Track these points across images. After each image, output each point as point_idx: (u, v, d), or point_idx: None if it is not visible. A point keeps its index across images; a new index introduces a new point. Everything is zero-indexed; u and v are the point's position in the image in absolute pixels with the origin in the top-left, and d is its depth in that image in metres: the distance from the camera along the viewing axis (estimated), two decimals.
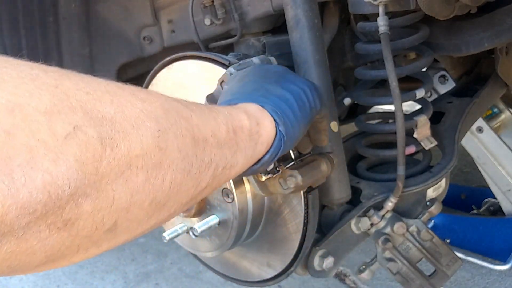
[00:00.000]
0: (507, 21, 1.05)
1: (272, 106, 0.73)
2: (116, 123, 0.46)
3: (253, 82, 0.80)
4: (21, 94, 0.40)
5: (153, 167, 0.49)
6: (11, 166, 0.38)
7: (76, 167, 0.41)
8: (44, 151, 0.40)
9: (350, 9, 1.03)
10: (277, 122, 0.71)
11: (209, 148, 0.59)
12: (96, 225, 0.45)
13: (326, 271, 1.04)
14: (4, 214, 0.37)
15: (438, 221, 1.83)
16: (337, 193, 1.04)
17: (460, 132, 1.21)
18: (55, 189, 0.40)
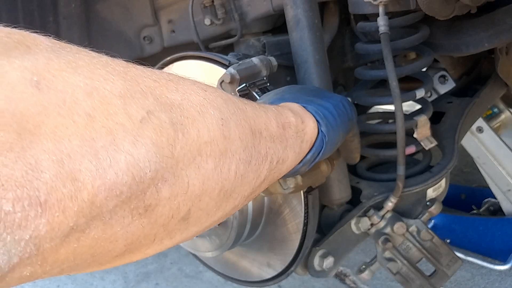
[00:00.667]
0: (507, 21, 1.05)
1: (314, 108, 0.74)
2: (184, 109, 0.46)
3: (292, 94, 0.80)
4: (96, 78, 0.40)
5: (220, 155, 0.50)
6: (96, 147, 0.38)
7: (154, 150, 0.42)
8: (123, 134, 0.40)
9: (350, 9, 1.03)
10: (319, 123, 0.72)
11: (264, 141, 0.59)
12: (172, 213, 0.45)
13: (326, 271, 1.04)
14: (94, 195, 0.37)
15: (438, 221, 1.83)
16: (337, 193, 1.04)
17: (460, 132, 1.21)
18: (138, 171, 0.40)
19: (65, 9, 1.52)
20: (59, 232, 0.36)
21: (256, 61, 0.91)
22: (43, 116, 0.36)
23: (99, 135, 0.38)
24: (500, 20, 1.06)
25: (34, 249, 0.35)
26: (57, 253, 0.37)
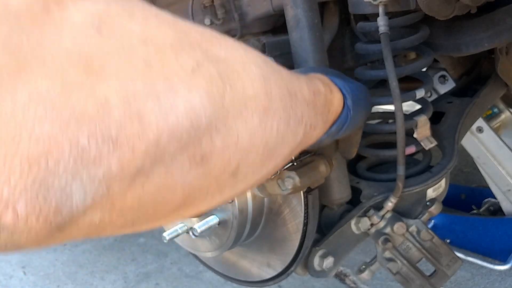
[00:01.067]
0: (507, 21, 1.05)
1: (341, 82, 0.74)
2: (229, 64, 0.47)
3: (318, 70, 0.81)
4: (150, 27, 0.41)
5: (264, 112, 0.50)
6: (157, 90, 0.38)
7: (208, 99, 0.42)
8: (179, 81, 0.40)
9: (350, 9, 1.03)
10: (345, 96, 0.73)
11: (299, 104, 0.60)
12: (224, 165, 0.46)
13: (326, 271, 1.04)
14: (159, 137, 0.38)
15: (438, 221, 1.83)
16: (337, 193, 1.04)
17: (460, 132, 1.21)
18: (195, 117, 0.41)
19: None
20: (127, 172, 0.36)
21: None
22: (105, 58, 0.36)
23: (158, 80, 0.39)
24: (500, 20, 1.06)
25: (105, 190, 0.35)
26: (124, 198, 0.38)
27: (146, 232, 2.28)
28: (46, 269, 2.10)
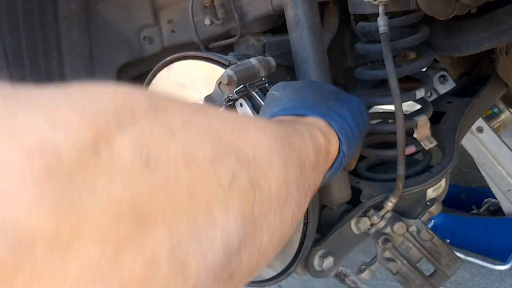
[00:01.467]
0: (507, 21, 1.05)
1: (337, 124, 0.72)
2: (257, 163, 0.45)
3: (312, 95, 0.78)
4: (191, 143, 0.39)
5: (283, 204, 0.49)
6: (199, 227, 0.37)
7: (241, 219, 0.41)
8: (217, 204, 0.39)
9: (350, 9, 1.03)
10: (341, 141, 0.72)
11: (308, 174, 0.58)
12: (247, 273, 0.45)
13: (326, 271, 1.04)
14: (196, 281, 0.37)
15: (438, 221, 1.83)
16: (337, 193, 1.04)
17: (460, 132, 1.21)
18: (229, 245, 0.39)
19: (65, 9, 1.52)
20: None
21: (254, 62, 0.91)
22: (153, 199, 0.34)
23: (199, 211, 0.37)
24: (500, 20, 1.06)
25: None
26: None
27: None
28: None
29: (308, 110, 0.73)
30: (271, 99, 0.82)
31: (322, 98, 0.79)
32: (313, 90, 0.81)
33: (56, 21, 1.52)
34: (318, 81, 0.90)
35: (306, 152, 0.60)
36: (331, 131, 0.71)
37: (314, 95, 0.79)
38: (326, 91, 0.83)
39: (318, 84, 0.86)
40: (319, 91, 0.82)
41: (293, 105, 0.75)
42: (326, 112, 0.74)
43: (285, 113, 0.73)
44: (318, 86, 0.85)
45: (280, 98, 0.80)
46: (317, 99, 0.78)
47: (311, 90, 0.81)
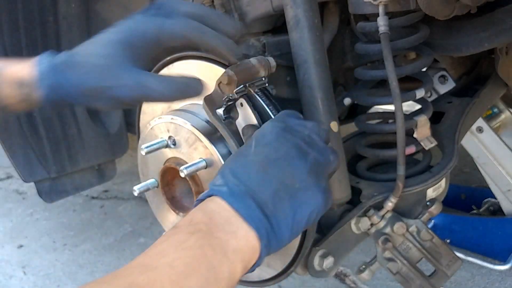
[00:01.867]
0: (507, 21, 1.05)
1: (265, 241, 0.74)
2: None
3: (270, 186, 0.76)
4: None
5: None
6: None
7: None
8: None
9: (350, 9, 1.03)
10: (260, 256, 0.75)
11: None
12: None
13: (326, 271, 1.04)
14: None
15: (438, 221, 1.83)
16: (337, 193, 1.04)
17: (460, 132, 1.21)
18: None
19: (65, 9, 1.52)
20: None
21: (254, 61, 0.91)
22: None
23: None
24: (500, 20, 1.06)
25: None
26: None
27: (146, 232, 2.28)
28: (46, 269, 2.10)
29: (250, 217, 0.74)
30: (251, 146, 0.80)
31: (280, 192, 0.77)
32: (283, 174, 0.78)
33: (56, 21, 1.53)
34: (301, 158, 0.80)
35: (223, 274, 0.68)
36: (255, 251, 0.74)
37: (276, 183, 0.77)
38: (295, 179, 0.78)
39: (294, 166, 0.79)
40: (287, 177, 0.78)
41: (244, 194, 0.75)
42: (265, 221, 0.74)
43: (231, 202, 0.74)
44: (291, 170, 0.78)
45: (246, 165, 0.78)
46: (273, 194, 0.76)
47: (280, 174, 0.78)
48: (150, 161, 1.04)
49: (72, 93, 0.79)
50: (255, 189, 0.76)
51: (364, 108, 1.53)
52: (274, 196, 0.76)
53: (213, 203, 0.75)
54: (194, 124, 0.95)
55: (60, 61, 0.80)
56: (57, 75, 0.79)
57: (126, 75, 0.77)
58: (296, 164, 0.79)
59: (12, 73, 0.80)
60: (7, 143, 1.59)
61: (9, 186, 2.85)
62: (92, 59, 0.79)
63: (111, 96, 0.78)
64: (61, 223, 2.44)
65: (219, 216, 0.73)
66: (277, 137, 0.80)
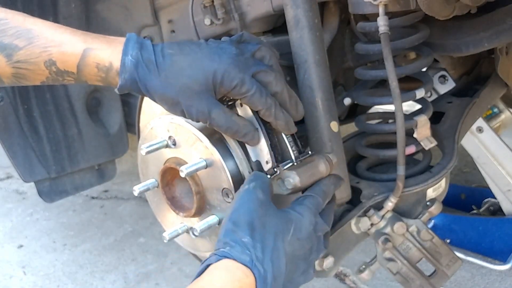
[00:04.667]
0: (507, 21, 1.05)
1: (261, 274, 0.73)
2: None
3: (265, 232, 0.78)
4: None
5: None
6: None
7: None
8: None
9: (350, 9, 1.03)
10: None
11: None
12: None
13: (326, 271, 1.04)
14: None
15: (438, 221, 1.83)
16: (337, 193, 1.04)
17: (460, 132, 1.21)
18: None
19: (65, 9, 1.52)
20: None
21: None
22: None
23: None
24: (500, 20, 1.06)
25: None
26: None
27: (146, 232, 2.28)
28: (46, 269, 2.10)
29: (242, 254, 0.73)
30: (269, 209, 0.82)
31: (266, 228, 0.78)
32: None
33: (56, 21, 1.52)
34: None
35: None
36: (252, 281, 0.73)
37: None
38: (308, 251, 0.83)
39: (298, 265, 0.82)
40: (282, 232, 0.80)
41: (233, 237, 0.75)
42: (259, 255, 0.74)
43: (220, 246, 0.75)
44: (303, 244, 0.82)
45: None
46: (263, 225, 0.78)
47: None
48: (150, 161, 1.04)
49: (145, 92, 0.84)
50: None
51: (364, 108, 1.53)
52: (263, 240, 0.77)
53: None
54: (194, 124, 0.95)
55: (146, 59, 0.82)
56: (139, 74, 0.82)
57: (203, 100, 0.83)
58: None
59: (97, 57, 0.83)
60: (7, 143, 1.58)
61: (9, 186, 2.85)
62: (182, 79, 0.83)
63: (181, 110, 0.84)
64: (61, 223, 2.44)
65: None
66: (308, 236, 0.83)
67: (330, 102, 1.00)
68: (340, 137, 1.03)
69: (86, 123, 1.73)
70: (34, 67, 0.83)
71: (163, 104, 0.86)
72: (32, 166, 1.65)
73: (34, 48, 0.83)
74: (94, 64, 0.83)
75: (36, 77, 0.84)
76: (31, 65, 0.83)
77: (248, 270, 0.72)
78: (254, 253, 0.73)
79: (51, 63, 0.83)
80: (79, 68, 0.84)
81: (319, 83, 0.98)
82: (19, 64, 0.83)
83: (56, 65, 0.83)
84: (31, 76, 0.84)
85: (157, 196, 1.07)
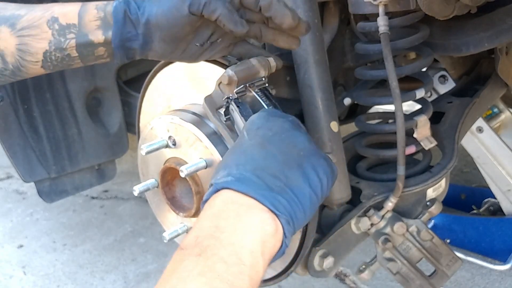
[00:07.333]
0: (507, 21, 1.05)
1: (287, 216, 0.72)
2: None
3: (275, 160, 0.75)
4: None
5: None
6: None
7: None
8: None
9: (350, 9, 1.03)
10: (285, 235, 0.72)
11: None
12: None
13: (326, 271, 1.04)
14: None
15: (438, 221, 1.83)
16: (337, 193, 1.04)
17: (460, 132, 1.21)
18: None
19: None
20: None
21: (255, 62, 0.91)
22: None
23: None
24: (500, 20, 1.06)
25: None
26: None
27: (146, 232, 2.28)
28: (46, 269, 2.10)
29: (259, 189, 0.72)
30: (240, 143, 0.80)
31: (286, 165, 0.75)
32: (281, 150, 0.77)
33: None
34: (294, 132, 0.80)
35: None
36: (277, 232, 0.71)
37: (278, 159, 0.76)
38: (297, 152, 0.78)
39: (292, 140, 0.79)
40: (288, 152, 0.77)
41: (250, 176, 0.73)
42: (280, 193, 0.72)
43: (238, 187, 0.72)
44: (291, 143, 0.78)
45: (245, 151, 0.77)
46: (279, 167, 0.75)
47: (278, 149, 0.77)
48: (150, 161, 1.04)
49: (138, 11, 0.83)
50: (262, 167, 0.73)
51: (364, 108, 1.53)
52: (283, 168, 0.74)
53: (218, 199, 0.73)
54: (194, 124, 0.95)
55: None
56: None
57: None
58: (295, 134, 0.79)
59: (96, 1, 0.85)
60: (7, 143, 1.58)
61: (9, 186, 2.85)
62: None
63: None
64: (61, 223, 2.44)
65: (227, 215, 0.70)
66: (267, 119, 0.81)
67: (330, 102, 1.00)
68: (340, 137, 1.03)
69: (86, 123, 1.73)
70: (37, 30, 0.83)
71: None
72: (32, 166, 1.65)
73: (36, 12, 0.83)
74: (93, 6, 0.84)
75: (39, 44, 0.83)
76: (34, 29, 0.82)
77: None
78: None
79: (53, 20, 0.83)
80: (80, 16, 0.83)
81: (319, 83, 0.98)
82: (22, 32, 0.82)
83: (59, 21, 0.83)
84: (34, 45, 0.83)
85: (157, 196, 1.07)
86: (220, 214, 0.71)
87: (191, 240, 0.68)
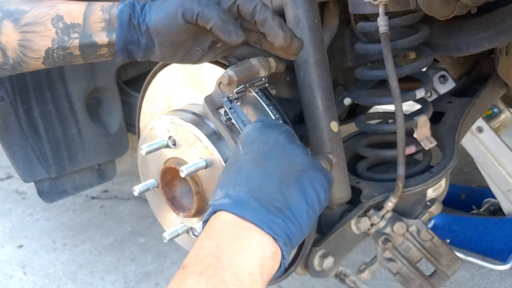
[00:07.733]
0: (507, 21, 1.05)
1: (284, 239, 0.72)
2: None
3: (271, 179, 0.74)
4: None
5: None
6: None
7: None
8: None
9: (350, 9, 1.03)
10: (283, 256, 0.73)
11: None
12: None
13: (326, 271, 1.04)
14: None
15: (438, 221, 1.83)
16: (337, 193, 1.04)
17: (460, 132, 1.21)
18: None
19: None
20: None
21: (255, 62, 0.91)
22: None
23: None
24: (500, 20, 1.06)
25: None
26: None
27: (146, 232, 2.28)
28: (46, 269, 2.10)
29: (259, 221, 0.71)
30: (236, 158, 0.78)
31: (283, 183, 0.74)
32: (278, 166, 0.76)
33: None
34: (291, 146, 0.78)
35: None
36: (276, 255, 0.72)
37: (274, 178, 0.74)
38: (294, 168, 0.76)
39: (289, 154, 0.77)
40: (286, 169, 0.76)
41: (248, 199, 0.72)
42: (276, 214, 0.72)
43: (236, 211, 0.71)
44: (288, 158, 0.77)
45: (241, 168, 0.76)
46: (275, 185, 0.74)
47: (275, 165, 0.76)
48: (150, 161, 1.04)
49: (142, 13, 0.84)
50: (259, 188, 0.73)
51: (364, 108, 1.53)
52: (280, 187, 0.74)
53: (217, 221, 0.72)
54: (194, 124, 0.95)
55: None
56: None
57: None
58: (291, 148, 0.78)
59: (101, 2, 0.84)
60: (7, 143, 1.58)
61: (9, 186, 2.85)
62: None
63: None
64: (61, 223, 2.44)
65: (227, 236, 0.70)
66: (261, 132, 0.79)
67: (330, 102, 1.00)
68: (340, 137, 1.03)
69: (86, 123, 1.73)
70: (41, 27, 0.82)
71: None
72: (32, 166, 1.65)
73: (41, 8, 0.83)
74: (98, 7, 0.83)
75: (42, 41, 0.83)
76: (38, 26, 0.82)
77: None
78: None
79: (58, 18, 0.82)
80: (85, 16, 0.83)
81: (319, 83, 0.98)
82: (25, 28, 0.82)
83: (64, 19, 0.82)
84: (37, 42, 0.83)
85: (157, 196, 1.07)
86: (221, 234, 0.71)
87: (192, 259, 0.69)
